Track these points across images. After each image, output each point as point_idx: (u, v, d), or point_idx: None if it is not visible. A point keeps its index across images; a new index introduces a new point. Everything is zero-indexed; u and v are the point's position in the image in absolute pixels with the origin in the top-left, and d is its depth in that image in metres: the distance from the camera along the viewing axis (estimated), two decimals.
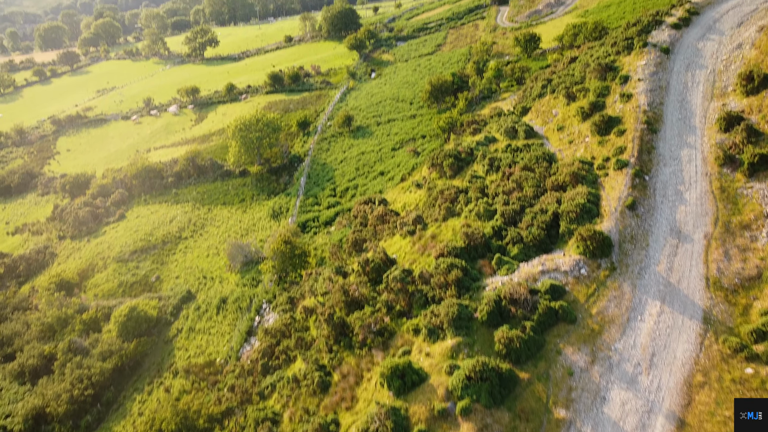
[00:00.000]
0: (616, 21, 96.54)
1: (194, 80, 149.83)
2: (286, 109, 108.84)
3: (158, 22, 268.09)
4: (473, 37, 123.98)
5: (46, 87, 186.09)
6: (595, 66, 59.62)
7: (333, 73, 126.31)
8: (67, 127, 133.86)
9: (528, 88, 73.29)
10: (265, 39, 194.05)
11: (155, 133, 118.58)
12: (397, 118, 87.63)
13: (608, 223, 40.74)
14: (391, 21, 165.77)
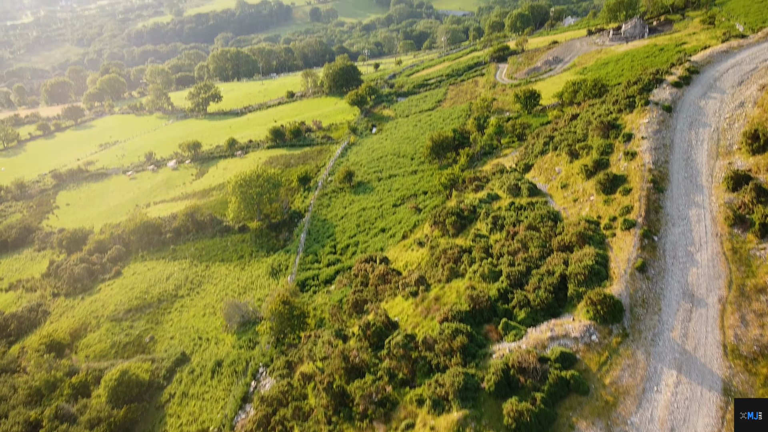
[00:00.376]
0: (615, 78, 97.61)
1: (196, 135, 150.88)
2: (287, 164, 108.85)
3: (163, 78, 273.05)
4: (473, 93, 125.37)
5: (49, 141, 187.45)
6: (597, 123, 59.43)
7: (334, 128, 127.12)
8: (67, 181, 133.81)
9: (530, 145, 73.10)
10: (267, 94, 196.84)
11: (155, 187, 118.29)
12: (398, 174, 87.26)
13: (618, 286, 39.34)
14: (392, 77, 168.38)
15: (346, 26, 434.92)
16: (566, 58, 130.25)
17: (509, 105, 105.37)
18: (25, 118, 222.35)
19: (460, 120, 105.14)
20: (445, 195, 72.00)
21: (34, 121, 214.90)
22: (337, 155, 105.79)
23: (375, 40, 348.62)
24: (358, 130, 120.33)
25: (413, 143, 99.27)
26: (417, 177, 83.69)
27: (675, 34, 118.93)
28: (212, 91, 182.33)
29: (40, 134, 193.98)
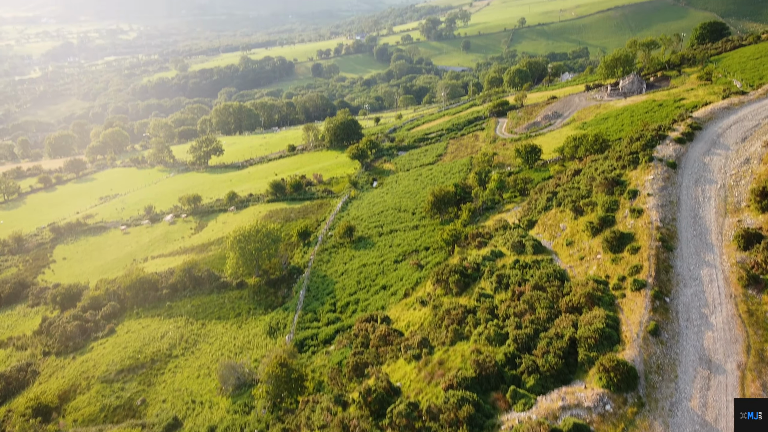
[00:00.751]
0: (615, 133, 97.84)
1: (197, 188, 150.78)
2: (287, 218, 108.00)
3: (166, 131, 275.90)
4: (473, 147, 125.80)
5: (50, 194, 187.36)
6: (601, 180, 58.71)
7: (335, 181, 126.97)
8: (65, 235, 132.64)
9: (532, 200, 72.27)
10: (269, 148, 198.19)
11: (154, 241, 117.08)
12: (399, 229, 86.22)
13: (631, 351, 37.53)
14: (392, 131, 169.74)
15: (347, 81, 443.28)
16: (565, 113, 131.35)
17: (510, 159, 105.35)
18: (27, 170, 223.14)
19: (461, 174, 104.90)
20: (447, 251, 70.70)
21: (36, 174, 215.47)
22: (338, 209, 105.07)
23: (375, 94, 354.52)
24: (358, 184, 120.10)
25: (414, 198, 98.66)
26: (418, 232, 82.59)
27: (673, 90, 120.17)
28: (214, 144, 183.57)
29: (41, 187, 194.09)
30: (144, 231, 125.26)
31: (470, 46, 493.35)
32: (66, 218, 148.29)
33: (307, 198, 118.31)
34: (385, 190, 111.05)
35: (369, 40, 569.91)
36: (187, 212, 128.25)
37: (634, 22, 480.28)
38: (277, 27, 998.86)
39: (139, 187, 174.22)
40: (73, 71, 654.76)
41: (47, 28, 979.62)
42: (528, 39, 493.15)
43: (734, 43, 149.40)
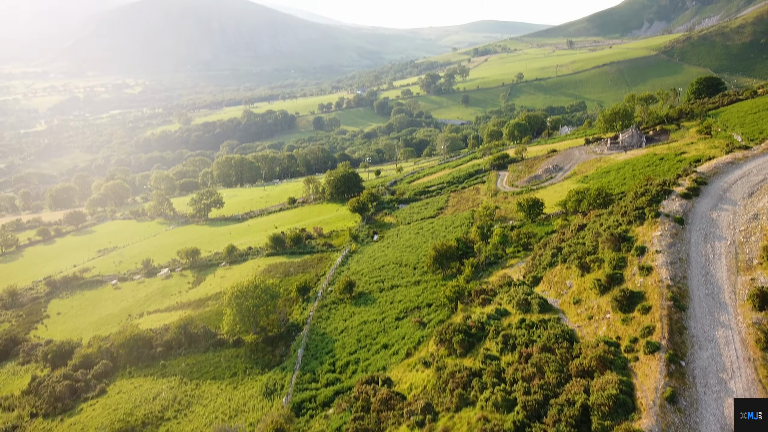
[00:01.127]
0: (618, 187, 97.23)
1: (196, 241, 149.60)
2: (286, 272, 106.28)
3: (167, 184, 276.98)
4: (475, 200, 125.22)
5: (48, 246, 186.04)
6: (607, 236, 57.46)
7: (335, 235, 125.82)
8: (61, 289, 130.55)
9: (536, 256, 70.83)
10: (269, 200, 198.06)
11: (150, 296, 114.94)
12: (400, 284, 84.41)
13: (648, 420, 35.38)
14: (393, 184, 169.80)
15: (348, 134, 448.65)
16: (566, 166, 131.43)
17: (512, 213, 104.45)
18: (27, 223, 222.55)
19: (463, 228, 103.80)
20: (450, 308, 68.77)
21: (35, 226, 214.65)
22: (338, 263, 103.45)
23: (376, 147, 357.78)
24: (359, 238, 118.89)
25: (416, 252, 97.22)
26: (420, 288, 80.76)
27: (673, 144, 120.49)
28: (214, 197, 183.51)
29: (39, 239, 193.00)
30: (141, 285, 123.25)
31: (469, 100, 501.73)
32: (63, 272, 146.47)
33: (307, 252, 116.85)
34: (386, 243, 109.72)
35: (370, 94, 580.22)
36: (185, 266, 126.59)
37: (629, 77, 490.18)
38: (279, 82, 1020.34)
39: (138, 239, 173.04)
40: (78, 124, 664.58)
41: (55, 83, 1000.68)
42: (526, 93, 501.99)
43: (731, 98, 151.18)
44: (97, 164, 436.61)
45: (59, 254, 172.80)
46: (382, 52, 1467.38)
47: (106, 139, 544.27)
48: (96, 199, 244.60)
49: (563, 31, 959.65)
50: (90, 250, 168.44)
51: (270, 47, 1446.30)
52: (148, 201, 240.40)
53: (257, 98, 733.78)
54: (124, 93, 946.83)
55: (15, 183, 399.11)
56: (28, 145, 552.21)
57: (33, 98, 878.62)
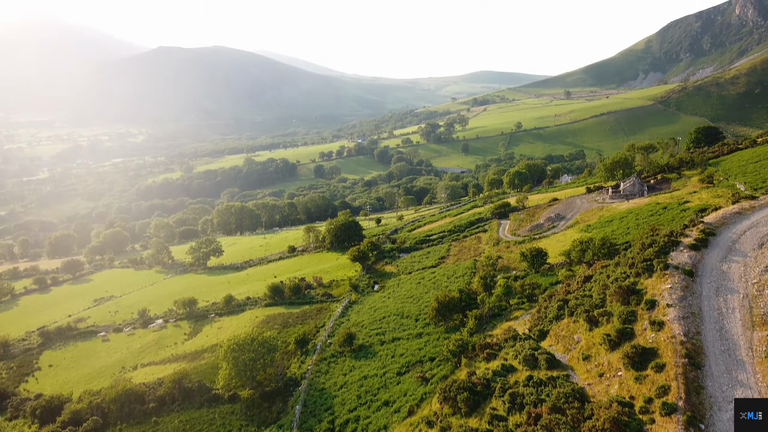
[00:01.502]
0: (622, 236, 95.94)
1: (193, 290, 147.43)
2: (284, 323, 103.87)
3: (167, 232, 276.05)
4: (476, 249, 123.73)
5: (44, 295, 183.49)
6: (615, 288, 55.77)
7: (335, 284, 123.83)
8: (54, 340, 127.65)
9: (542, 308, 68.91)
10: (269, 249, 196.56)
11: (145, 347, 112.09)
12: (402, 337, 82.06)
13: None
14: (394, 233, 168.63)
15: (348, 182, 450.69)
16: (568, 215, 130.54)
17: (515, 263, 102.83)
18: (24, 271, 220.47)
19: (465, 278, 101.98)
20: (453, 363, 66.37)
21: (32, 275, 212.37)
22: (338, 314, 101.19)
23: (376, 194, 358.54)
24: (359, 287, 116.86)
25: (417, 303, 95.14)
26: (422, 341, 78.44)
27: (675, 193, 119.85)
28: (213, 245, 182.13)
29: (35, 288, 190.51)
30: (136, 336, 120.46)
31: (469, 149, 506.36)
32: (57, 321, 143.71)
33: (306, 302, 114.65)
34: (387, 294, 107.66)
35: (370, 142, 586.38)
36: (182, 316, 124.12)
37: (627, 126, 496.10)
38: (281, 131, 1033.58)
39: (135, 289, 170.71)
40: (80, 172, 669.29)
41: (60, 132, 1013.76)
42: (525, 142, 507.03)
43: (731, 147, 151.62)
44: (98, 212, 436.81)
45: (55, 303, 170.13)
46: (382, 102, 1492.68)
47: (107, 186, 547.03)
48: (94, 247, 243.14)
49: (560, 81, 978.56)
50: (86, 300, 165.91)
51: (272, 97, 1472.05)
52: (147, 249, 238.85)
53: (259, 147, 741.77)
54: (127, 141, 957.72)
55: (15, 230, 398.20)
56: (30, 193, 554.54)
57: (37, 146, 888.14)
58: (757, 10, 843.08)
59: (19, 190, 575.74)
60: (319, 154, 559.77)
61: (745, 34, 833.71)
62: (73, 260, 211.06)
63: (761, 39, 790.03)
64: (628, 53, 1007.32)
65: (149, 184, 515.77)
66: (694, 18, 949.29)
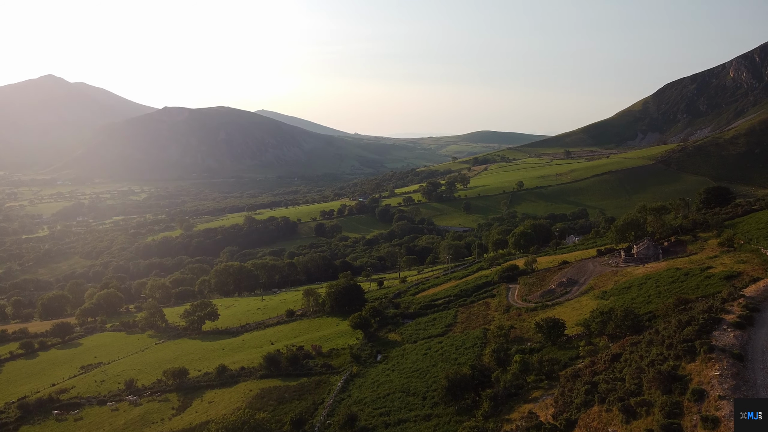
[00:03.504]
0: (643, 306, 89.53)
1: (185, 358, 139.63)
2: (280, 398, 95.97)
3: (163, 292, 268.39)
4: (485, 317, 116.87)
5: (29, 361, 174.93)
6: (654, 374, 49.14)
7: (335, 354, 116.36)
8: (34, 413, 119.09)
9: (565, 390, 61.87)
10: (267, 312, 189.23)
11: (129, 424, 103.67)
12: (409, 419, 74.50)
13: None
14: (397, 296, 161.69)
15: (349, 240, 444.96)
16: (581, 279, 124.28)
17: (529, 333, 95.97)
18: (12, 334, 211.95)
19: (475, 349, 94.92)
20: None
21: (20, 338, 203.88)
22: (338, 390, 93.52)
23: (378, 254, 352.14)
24: (361, 358, 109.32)
25: (424, 377, 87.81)
26: (432, 424, 70.94)
27: (694, 257, 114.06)
28: (209, 309, 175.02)
29: (21, 353, 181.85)
30: (120, 411, 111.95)
31: (471, 207, 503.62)
32: (39, 391, 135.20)
33: (304, 374, 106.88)
34: (391, 366, 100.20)
35: (371, 201, 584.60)
36: (171, 388, 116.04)
37: (629, 185, 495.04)
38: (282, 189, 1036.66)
39: (125, 354, 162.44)
40: (80, 230, 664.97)
41: (61, 190, 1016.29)
42: (527, 201, 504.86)
43: (745, 208, 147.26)
44: (95, 270, 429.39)
45: (40, 370, 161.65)
46: (383, 161, 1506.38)
47: (106, 245, 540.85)
48: (87, 309, 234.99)
49: (560, 141, 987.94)
50: (73, 367, 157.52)
51: (275, 156, 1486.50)
52: (142, 311, 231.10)
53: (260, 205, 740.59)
54: (129, 199, 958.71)
55: (10, 290, 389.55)
56: (28, 251, 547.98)
57: (39, 204, 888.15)
58: (751, 73, 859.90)
59: (17, 248, 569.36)
60: (320, 212, 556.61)
61: (741, 96, 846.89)
62: (63, 323, 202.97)
63: (757, 100, 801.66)
64: (626, 114, 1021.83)
65: (149, 243, 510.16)
66: (690, 80, 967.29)
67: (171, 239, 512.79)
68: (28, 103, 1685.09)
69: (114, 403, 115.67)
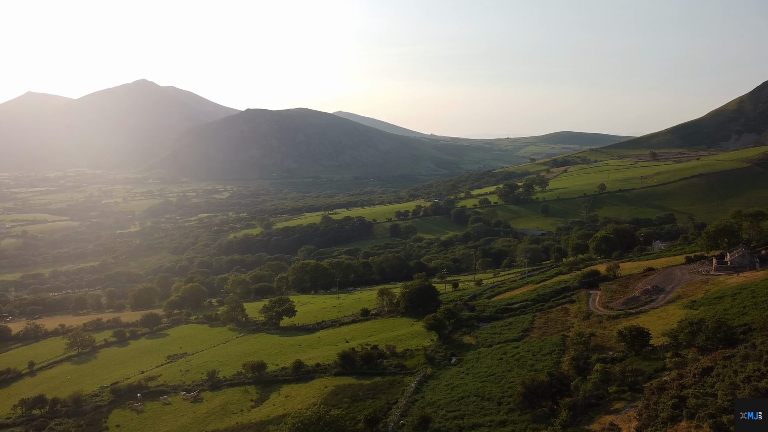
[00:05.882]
0: (737, 318, 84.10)
1: (264, 352, 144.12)
2: (354, 396, 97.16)
3: (243, 288, 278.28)
4: (564, 323, 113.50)
5: (122, 349, 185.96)
6: (750, 390, 46.07)
7: (409, 354, 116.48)
8: (125, 398, 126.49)
9: (650, 403, 59.07)
10: (342, 310, 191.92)
11: (211, 413, 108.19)
12: (483, 424, 73.47)
13: None
14: (472, 299, 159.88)
15: (424, 242, 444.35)
16: (668, 287, 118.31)
17: (611, 342, 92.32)
18: (106, 322, 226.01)
19: (553, 357, 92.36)
20: None
21: (114, 327, 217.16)
22: (412, 390, 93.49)
23: (453, 256, 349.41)
24: (435, 360, 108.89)
25: (499, 383, 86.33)
26: (507, 430, 69.77)
27: None
28: (286, 305, 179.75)
29: (114, 341, 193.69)
30: (203, 400, 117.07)
31: (549, 210, 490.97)
32: (129, 378, 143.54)
33: (378, 373, 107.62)
34: (465, 369, 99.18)
35: (447, 202, 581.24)
36: (250, 380, 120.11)
37: (721, 189, 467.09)
38: (358, 189, 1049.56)
39: (207, 346, 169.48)
40: (168, 226, 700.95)
41: (152, 188, 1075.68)
42: (609, 204, 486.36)
43: None
44: (180, 265, 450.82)
45: (131, 358, 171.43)
46: (459, 162, 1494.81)
47: (191, 241, 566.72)
48: (173, 301, 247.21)
49: (645, 142, 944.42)
50: (160, 356, 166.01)
51: (351, 157, 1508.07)
52: (223, 305, 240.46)
53: (336, 205, 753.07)
54: (213, 198, 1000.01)
55: (105, 281, 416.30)
56: (121, 245, 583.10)
57: (131, 201, 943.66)
58: None
59: (112, 242, 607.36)
60: (395, 213, 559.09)
61: None
62: (151, 314, 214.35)
63: None
64: (718, 114, 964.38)
65: (230, 240, 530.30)
66: None
67: (251, 237, 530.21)
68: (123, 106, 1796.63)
69: (197, 393, 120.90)
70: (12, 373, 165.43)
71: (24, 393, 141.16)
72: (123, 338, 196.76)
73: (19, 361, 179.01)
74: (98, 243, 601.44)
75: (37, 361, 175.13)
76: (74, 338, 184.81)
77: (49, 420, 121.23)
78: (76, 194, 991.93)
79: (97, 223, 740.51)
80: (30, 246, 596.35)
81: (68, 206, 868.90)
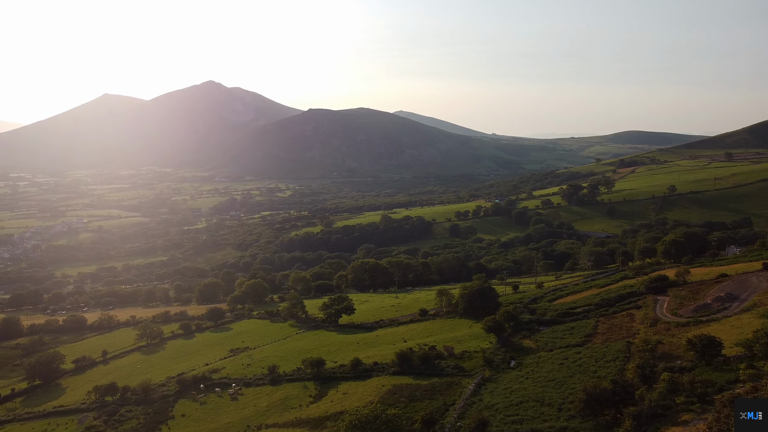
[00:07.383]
0: None
1: (323, 349, 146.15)
2: (411, 396, 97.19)
3: (303, 285, 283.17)
4: (629, 330, 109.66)
5: (187, 341, 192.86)
6: None
7: (467, 356, 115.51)
8: (190, 389, 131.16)
9: (721, 416, 56.24)
10: (400, 309, 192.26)
11: (271, 406, 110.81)
12: (542, 429, 72.05)
13: None
14: (533, 301, 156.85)
15: (484, 243, 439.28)
16: (743, 295, 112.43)
17: (679, 351, 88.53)
18: (174, 315, 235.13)
19: (617, 364, 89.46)
20: None
21: (180, 320, 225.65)
22: (470, 393, 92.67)
23: (513, 257, 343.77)
24: (494, 363, 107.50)
25: (560, 388, 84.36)
26: None
27: None
28: (345, 303, 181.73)
29: (181, 333, 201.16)
30: (264, 393, 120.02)
31: (614, 212, 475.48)
32: (195, 369, 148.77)
33: (436, 374, 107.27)
34: (525, 373, 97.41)
35: (508, 203, 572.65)
36: (309, 376, 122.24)
37: None
38: (418, 189, 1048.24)
39: (268, 341, 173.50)
40: (232, 223, 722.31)
41: (218, 186, 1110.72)
42: (679, 207, 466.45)
43: None
44: (244, 261, 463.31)
45: (196, 350, 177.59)
46: (520, 162, 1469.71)
47: (255, 238, 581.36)
48: (237, 296, 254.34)
49: (719, 142, 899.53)
50: (224, 349, 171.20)
51: (411, 156, 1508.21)
52: (284, 302, 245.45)
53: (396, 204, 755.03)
54: (275, 196, 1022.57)
55: (173, 275, 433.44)
56: (188, 241, 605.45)
57: (198, 198, 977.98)
58: None
59: (180, 237, 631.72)
60: (455, 213, 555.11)
61: None
62: (216, 308, 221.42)
63: None
64: None
65: (292, 237, 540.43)
66: None
67: (312, 235, 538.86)
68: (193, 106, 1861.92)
69: (260, 384, 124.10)
70: (87, 360, 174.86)
71: (97, 380, 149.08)
72: (189, 331, 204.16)
73: (94, 349, 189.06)
74: (167, 238, 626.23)
75: (110, 350, 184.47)
76: (144, 329, 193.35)
77: (120, 407, 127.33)
78: (147, 191, 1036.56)
79: (166, 219, 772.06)
80: (105, 240, 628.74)
81: (140, 203, 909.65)
